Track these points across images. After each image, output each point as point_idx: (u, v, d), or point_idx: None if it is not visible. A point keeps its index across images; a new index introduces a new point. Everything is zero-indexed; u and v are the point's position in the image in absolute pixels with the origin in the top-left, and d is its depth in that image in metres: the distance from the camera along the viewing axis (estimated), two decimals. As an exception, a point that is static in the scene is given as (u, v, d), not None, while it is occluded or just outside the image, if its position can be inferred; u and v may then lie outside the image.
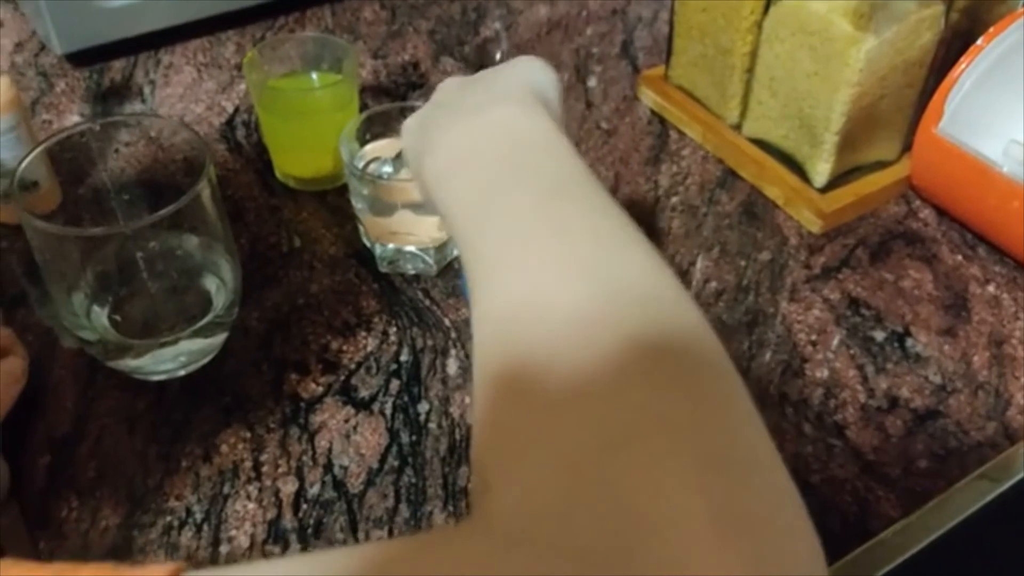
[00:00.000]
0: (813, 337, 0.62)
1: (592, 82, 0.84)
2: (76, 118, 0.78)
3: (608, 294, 0.29)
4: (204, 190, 0.52)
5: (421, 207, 0.62)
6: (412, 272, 0.65)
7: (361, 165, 0.64)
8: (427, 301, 0.63)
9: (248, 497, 0.52)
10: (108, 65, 0.83)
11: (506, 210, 0.33)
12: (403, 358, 0.60)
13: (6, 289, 0.64)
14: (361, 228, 0.66)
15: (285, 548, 0.50)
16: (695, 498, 0.23)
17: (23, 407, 0.54)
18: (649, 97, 0.80)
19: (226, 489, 0.52)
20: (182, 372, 0.58)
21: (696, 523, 0.22)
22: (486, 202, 0.34)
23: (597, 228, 0.32)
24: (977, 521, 0.55)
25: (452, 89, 0.44)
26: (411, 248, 0.64)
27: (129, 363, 0.57)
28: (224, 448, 0.54)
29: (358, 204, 0.64)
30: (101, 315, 0.56)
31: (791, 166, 0.71)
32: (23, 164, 0.53)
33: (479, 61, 0.86)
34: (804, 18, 0.64)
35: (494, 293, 0.31)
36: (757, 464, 0.25)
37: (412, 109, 0.66)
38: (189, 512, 0.51)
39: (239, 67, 0.84)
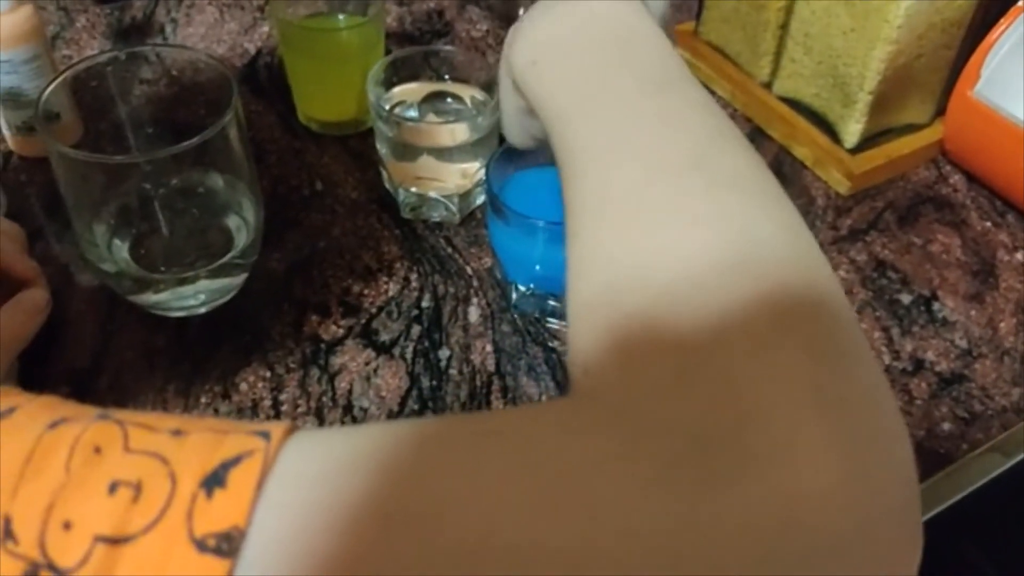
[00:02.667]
0: (839, 298, 0.61)
1: (619, 36, 0.82)
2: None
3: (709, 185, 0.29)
4: (231, 125, 0.52)
5: (445, 152, 0.62)
6: (435, 219, 0.64)
7: (387, 108, 0.63)
8: (449, 249, 0.63)
9: (268, 435, 0.51)
10: (129, 2, 0.82)
11: (609, 99, 0.33)
12: (424, 304, 0.59)
13: (25, 223, 0.63)
14: (384, 173, 0.65)
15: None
16: (802, 385, 0.23)
17: (43, 340, 0.54)
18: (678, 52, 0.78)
19: (245, 426, 0.52)
20: (203, 309, 0.57)
21: (803, 408, 0.23)
22: (587, 90, 0.34)
23: (703, 123, 0.32)
24: (987, 493, 0.55)
25: None
26: (434, 195, 0.63)
27: (149, 298, 0.56)
28: (243, 386, 0.54)
29: (382, 148, 0.63)
30: (122, 248, 0.56)
31: (822, 126, 0.70)
32: (46, 93, 0.52)
33: (506, 11, 0.84)
34: (842, -27, 0.63)
35: (594, 186, 0.31)
36: (863, 364, 0.25)
37: (437, 54, 0.66)
38: (208, 448, 0.51)
39: (261, 9, 0.83)
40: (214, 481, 0.22)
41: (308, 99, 0.70)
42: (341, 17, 0.70)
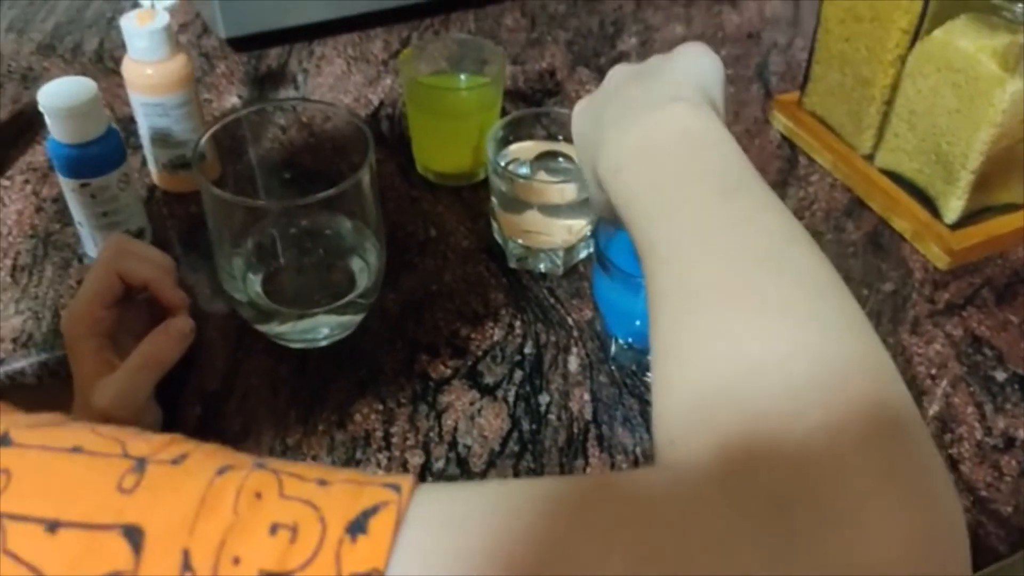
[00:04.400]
0: (932, 371, 0.62)
1: (724, 102, 0.85)
2: (234, 99, 0.84)
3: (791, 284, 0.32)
4: (365, 175, 0.56)
5: (554, 209, 0.65)
6: (540, 270, 0.68)
7: (503, 164, 0.67)
8: (552, 299, 0.66)
9: (378, 464, 0.55)
10: (265, 52, 0.89)
11: (689, 203, 0.36)
12: (527, 350, 0.62)
13: (165, 252, 0.69)
14: (495, 224, 0.69)
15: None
16: (870, 459, 0.26)
17: (179, 362, 0.59)
18: (780, 121, 0.81)
19: (358, 455, 0.56)
20: (323, 343, 0.62)
21: (873, 478, 0.25)
22: (668, 195, 0.37)
23: (774, 223, 0.34)
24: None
25: (622, 79, 0.47)
26: (541, 247, 0.67)
27: (274, 328, 0.61)
28: (358, 417, 0.58)
29: (495, 201, 0.67)
30: (255, 282, 0.61)
31: (922, 200, 0.71)
32: (203, 139, 0.57)
33: (614, 74, 0.88)
34: (950, 55, 0.65)
35: (675, 280, 0.34)
36: (920, 442, 0.27)
37: (549, 115, 0.70)
38: (323, 472, 0.55)
39: (385, 63, 0.88)
40: (357, 528, 0.25)
41: (427, 151, 0.75)
42: (462, 77, 0.75)
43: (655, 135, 0.39)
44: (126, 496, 0.25)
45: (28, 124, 0.79)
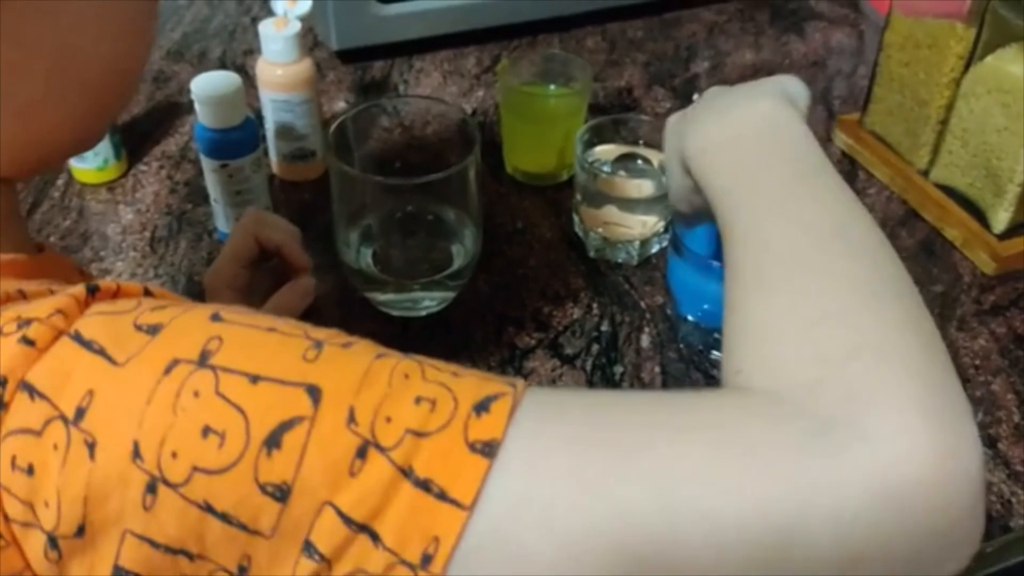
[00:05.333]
0: (976, 362, 0.68)
1: (789, 122, 0.92)
2: (342, 104, 0.93)
3: (846, 246, 0.38)
4: (471, 164, 0.64)
5: (631, 204, 0.72)
6: (616, 261, 0.75)
7: (588, 162, 0.75)
8: (627, 286, 0.73)
9: (471, 415, 0.62)
10: (370, 64, 0.98)
11: (768, 182, 0.43)
12: (603, 328, 0.69)
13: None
14: (576, 218, 0.77)
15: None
16: (905, 393, 0.32)
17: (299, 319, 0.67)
18: (842, 140, 0.88)
19: (453, 406, 0.63)
20: (422, 313, 0.69)
21: (904, 406, 0.31)
22: (749, 174, 0.44)
23: (843, 202, 0.41)
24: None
25: (716, 92, 0.54)
26: (618, 239, 0.74)
27: (378, 297, 0.69)
28: (453, 376, 0.65)
29: (578, 196, 0.75)
30: (366, 254, 0.69)
31: (972, 212, 0.77)
32: (332, 127, 0.66)
33: (687, 92, 0.96)
34: (1001, 78, 0.71)
35: (748, 252, 0.41)
36: (955, 395, 0.33)
37: (628, 123, 0.78)
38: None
39: (477, 77, 0.97)
40: (482, 408, 0.31)
41: (517, 153, 0.83)
42: (551, 87, 0.83)
43: (741, 123, 0.46)
44: (309, 364, 0.32)
45: (161, 118, 0.89)
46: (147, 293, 0.35)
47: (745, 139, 0.45)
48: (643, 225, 0.74)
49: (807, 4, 1.10)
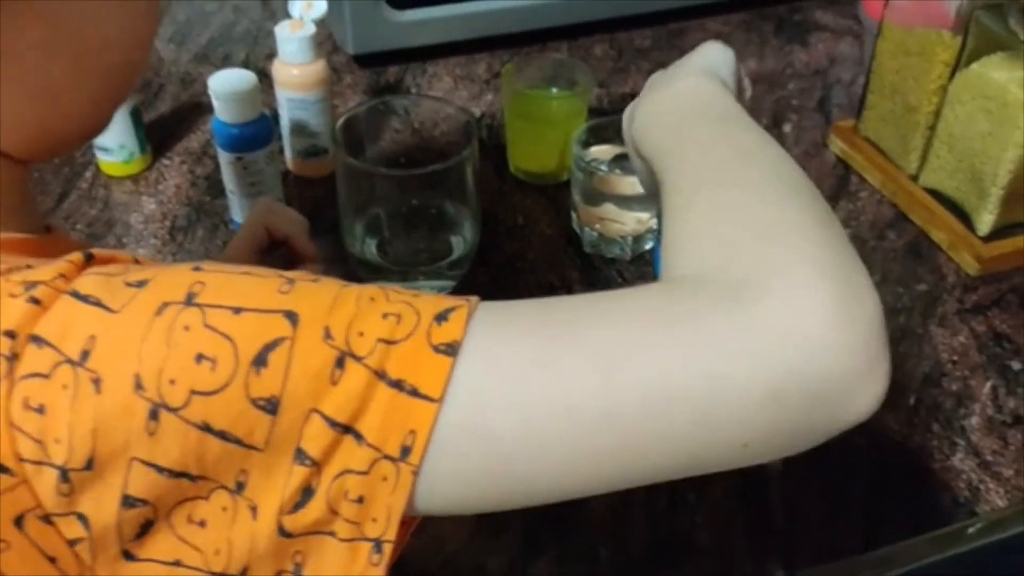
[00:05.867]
0: (955, 358, 0.70)
1: (787, 128, 0.95)
2: (357, 105, 0.97)
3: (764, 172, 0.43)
4: (468, 161, 0.68)
5: (626, 201, 0.76)
6: (610, 256, 0.78)
7: (585, 161, 0.78)
8: (619, 280, 0.76)
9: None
10: (385, 68, 1.02)
11: (687, 139, 0.47)
12: (595, 319, 0.72)
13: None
14: (573, 215, 0.80)
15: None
16: (804, 256, 0.36)
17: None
18: (837, 145, 0.90)
19: (447, 387, 0.66)
20: (422, 300, 0.73)
21: (804, 266, 0.35)
22: (674, 138, 0.48)
23: (750, 139, 0.45)
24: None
25: (653, 79, 0.58)
26: (613, 235, 0.77)
27: (382, 285, 0.73)
28: (448, 359, 0.69)
29: (575, 194, 0.78)
30: (371, 244, 0.73)
31: (959, 215, 0.79)
32: (339, 122, 0.70)
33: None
34: (984, 85, 0.74)
35: (673, 183, 0.45)
36: (843, 248, 0.37)
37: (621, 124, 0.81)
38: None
39: (487, 82, 1.01)
40: (441, 317, 0.35)
41: (520, 153, 0.87)
42: (554, 90, 0.86)
43: (671, 100, 0.51)
44: (284, 295, 0.35)
45: (185, 116, 0.94)
46: (136, 262, 0.39)
47: (674, 110, 0.50)
48: (637, 221, 0.77)
49: (812, 16, 1.13)
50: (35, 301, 0.34)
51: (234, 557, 0.35)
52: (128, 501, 0.34)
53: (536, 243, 0.80)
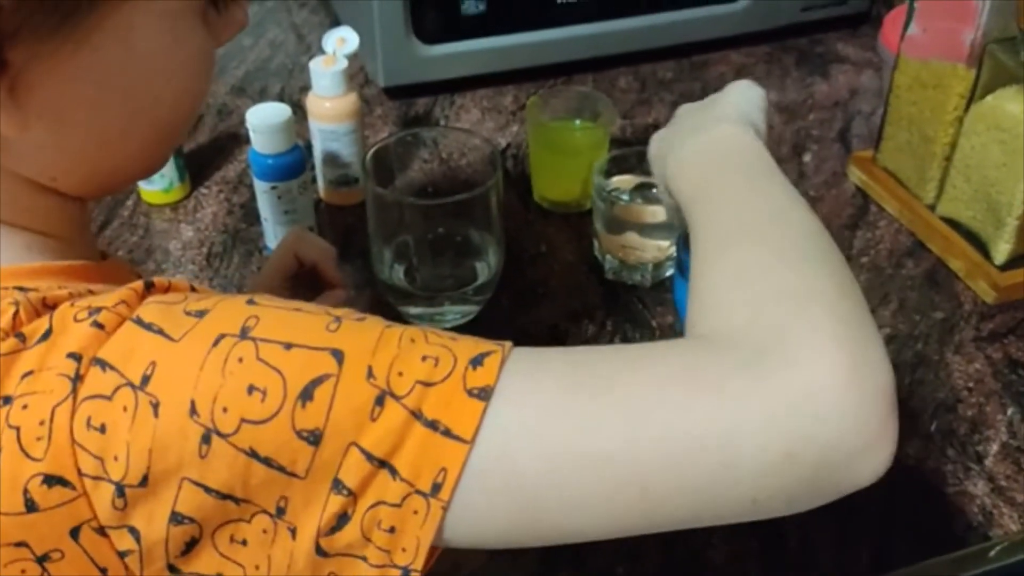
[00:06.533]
0: (970, 384, 0.71)
1: (807, 158, 0.97)
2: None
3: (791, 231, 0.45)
4: (493, 190, 0.70)
5: (647, 229, 0.78)
6: (630, 283, 0.80)
7: (607, 190, 0.80)
8: (640, 306, 0.78)
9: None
10: (414, 100, 1.05)
11: (719, 189, 0.49)
12: (616, 342, 0.74)
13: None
14: (596, 243, 0.82)
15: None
16: (822, 326, 0.38)
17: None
18: (856, 175, 0.92)
19: (471, 409, 0.69)
20: (448, 325, 0.75)
21: (821, 336, 0.37)
22: (705, 187, 0.50)
23: (781, 195, 0.47)
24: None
25: (685, 112, 0.60)
26: (634, 263, 0.79)
27: (410, 310, 0.75)
28: (472, 382, 0.71)
29: (597, 222, 0.80)
30: (399, 271, 0.75)
31: (975, 244, 0.80)
32: (370, 153, 0.73)
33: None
34: (999, 117, 0.75)
35: (703, 234, 0.47)
36: (861, 318, 0.39)
37: (642, 155, 0.83)
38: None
39: (514, 113, 1.04)
40: (477, 362, 0.37)
41: (543, 182, 0.89)
42: (577, 122, 0.89)
43: (704, 146, 0.53)
44: (332, 334, 0.38)
45: (223, 147, 0.98)
46: (192, 290, 0.42)
47: (708, 160, 0.52)
48: (658, 249, 0.79)
49: (833, 48, 1.15)
50: (99, 326, 0.37)
51: (273, 573, 0.37)
52: (177, 518, 0.36)
53: (559, 270, 0.82)
